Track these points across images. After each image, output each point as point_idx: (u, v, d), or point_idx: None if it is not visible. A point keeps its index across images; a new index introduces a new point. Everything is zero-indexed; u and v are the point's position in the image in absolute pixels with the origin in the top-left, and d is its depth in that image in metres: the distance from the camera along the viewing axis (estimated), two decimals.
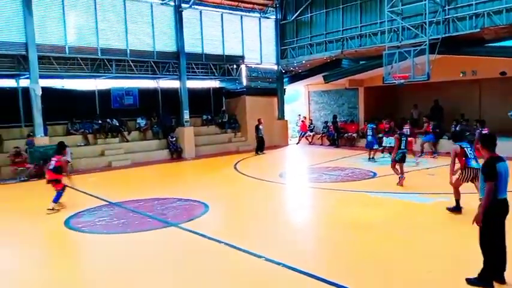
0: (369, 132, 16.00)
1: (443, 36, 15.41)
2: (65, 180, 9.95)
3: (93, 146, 17.59)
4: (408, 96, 20.56)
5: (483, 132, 12.74)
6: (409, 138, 12.50)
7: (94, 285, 5.74)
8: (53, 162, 9.88)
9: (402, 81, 16.06)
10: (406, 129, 14.64)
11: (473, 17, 14.83)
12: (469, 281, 5.06)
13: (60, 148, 10.30)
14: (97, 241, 7.75)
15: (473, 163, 8.04)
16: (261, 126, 19.66)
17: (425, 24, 15.63)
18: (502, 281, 4.97)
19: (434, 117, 17.85)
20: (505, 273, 5.00)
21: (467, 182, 8.09)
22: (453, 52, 15.82)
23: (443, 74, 16.88)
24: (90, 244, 7.65)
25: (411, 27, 16.21)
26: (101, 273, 6.14)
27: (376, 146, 15.84)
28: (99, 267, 6.37)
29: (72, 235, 8.00)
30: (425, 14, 15.59)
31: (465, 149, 8.22)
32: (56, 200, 9.69)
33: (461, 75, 17.47)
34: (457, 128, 16.86)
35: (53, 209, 9.57)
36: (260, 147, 19.67)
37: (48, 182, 9.96)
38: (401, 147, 11.17)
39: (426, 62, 15.37)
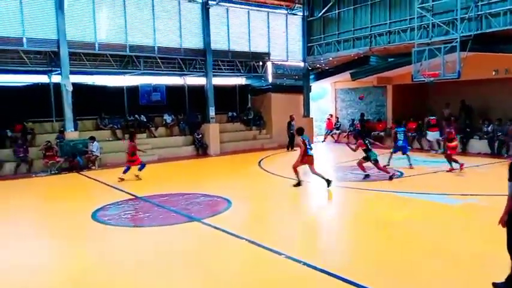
0: (400, 137, 14.13)
1: (476, 33, 14.93)
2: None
3: (121, 141, 17.93)
4: (437, 95, 20.05)
5: None
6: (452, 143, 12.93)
7: (118, 277, 5.85)
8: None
9: (432, 79, 15.68)
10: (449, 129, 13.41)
11: (508, 13, 14.31)
12: (496, 285, 4.90)
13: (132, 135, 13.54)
14: (122, 234, 7.92)
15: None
16: (293, 123, 19.60)
17: (457, 21, 15.18)
18: None
19: (465, 117, 17.41)
20: None
21: None
22: (485, 50, 15.30)
23: (475, 72, 16.34)
24: (116, 237, 7.80)
25: (442, 24, 15.78)
26: (125, 265, 6.25)
27: (408, 152, 14.13)
28: (123, 259, 6.48)
29: (99, 228, 8.19)
30: (457, 10, 15.14)
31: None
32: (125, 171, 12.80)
33: (493, 73, 16.90)
34: (489, 128, 16.41)
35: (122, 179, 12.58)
36: (292, 143, 19.68)
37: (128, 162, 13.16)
38: (368, 148, 12.32)
39: (457, 59, 14.93)
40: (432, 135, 17.45)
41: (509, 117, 16.43)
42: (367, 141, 12.35)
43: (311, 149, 11.29)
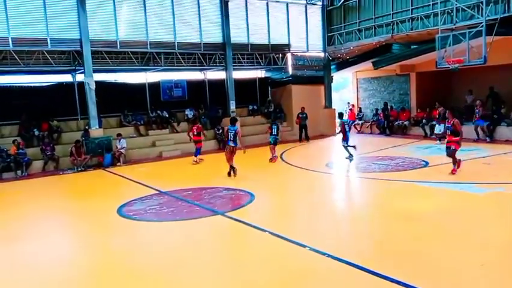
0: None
1: (502, 16, 14.41)
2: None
3: (144, 137, 18.23)
4: (463, 81, 19.53)
5: None
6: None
7: (145, 271, 5.96)
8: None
9: (457, 65, 15.25)
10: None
11: None
12: None
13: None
14: (147, 228, 8.05)
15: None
16: (301, 116, 19.77)
17: (482, 4, 14.69)
18: None
19: (492, 104, 16.95)
20: None
21: None
22: None
23: (502, 57, 15.83)
24: (141, 231, 7.95)
25: (466, 8, 15.31)
26: (151, 258, 6.36)
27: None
28: (149, 253, 6.60)
29: (124, 222, 8.35)
30: None
31: None
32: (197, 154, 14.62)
33: None
34: None
35: (196, 162, 14.49)
36: (305, 134, 19.92)
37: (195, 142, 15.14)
38: (273, 133, 14.74)
39: (483, 44, 14.45)
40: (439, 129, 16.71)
41: None
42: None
43: (232, 140, 12.05)
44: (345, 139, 13.67)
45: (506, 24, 14.39)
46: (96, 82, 16.00)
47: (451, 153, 10.82)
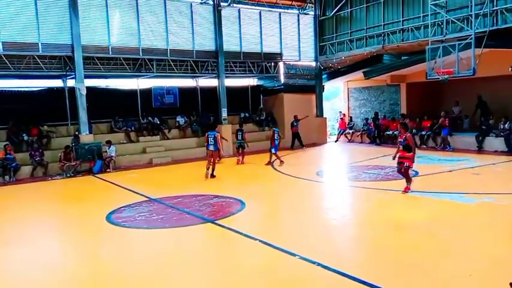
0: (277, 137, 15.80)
1: (491, 29, 14.68)
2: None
3: (135, 144, 18.14)
4: (452, 92, 19.76)
5: None
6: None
7: (133, 278, 5.90)
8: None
9: (446, 76, 15.44)
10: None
11: None
12: None
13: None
14: (137, 236, 7.98)
15: None
16: (295, 123, 20.14)
17: (471, 17, 14.94)
18: None
19: (482, 113, 17.16)
20: None
21: None
22: (501, 46, 15.03)
23: (490, 69, 16.06)
24: (130, 238, 7.87)
25: (456, 21, 15.56)
26: (139, 266, 6.30)
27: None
28: (137, 261, 6.54)
29: (113, 229, 8.26)
30: (471, 6, 14.90)
31: None
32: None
33: (509, 69, 16.58)
34: (506, 126, 16.12)
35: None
36: (300, 141, 20.29)
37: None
38: (238, 139, 16.45)
39: (472, 56, 14.68)
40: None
41: None
42: None
43: (211, 144, 13.07)
44: (274, 146, 15.08)
45: (494, 37, 14.65)
46: (87, 88, 15.92)
47: (405, 170, 9.95)
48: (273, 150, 15.48)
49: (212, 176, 13.22)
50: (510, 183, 10.24)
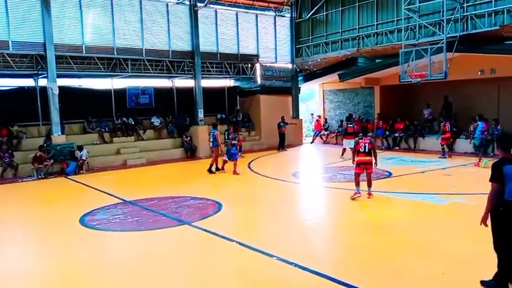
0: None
1: (461, 34, 15.13)
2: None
3: (109, 145, 17.82)
4: (425, 95, 20.23)
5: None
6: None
7: (108, 282, 5.79)
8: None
9: (419, 79, 15.84)
10: None
11: (493, 14, 14.52)
12: (483, 283, 4.96)
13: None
14: (111, 238, 7.84)
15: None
16: (282, 124, 20.20)
17: (443, 22, 15.36)
18: None
19: (446, 115, 17.55)
20: None
21: None
22: (471, 50, 15.53)
23: (461, 73, 16.57)
24: (105, 241, 7.73)
25: (428, 25, 15.97)
26: (115, 270, 6.20)
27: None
28: (113, 264, 6.43)
29: (87, 232, 8.09)
30: (443, 11, 15.33)
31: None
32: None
33: (479, 73, 17.14)
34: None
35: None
36: (282, 143, 20.39)
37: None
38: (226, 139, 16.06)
39: (443, 60, 15.11)
40: (348, 143, 16.26)
41: (494, 117, 16.67)
42: None
43: (211, 141, 14.67)
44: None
45: (465, 42, 15.10)
46: (60, 87, 15.56)
47: (369, 176, 9.79)
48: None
49: (210, 171, 14.19)
50: (480, 183, 10.49)
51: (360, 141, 9.81)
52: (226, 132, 16.86)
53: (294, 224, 8.34)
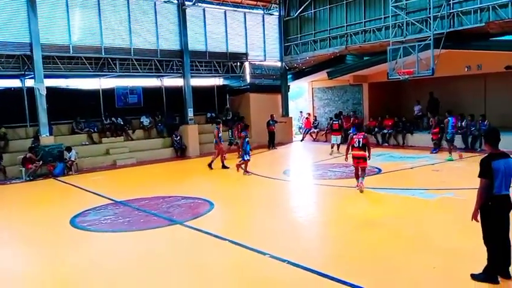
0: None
1: (448, 30, 15.28)
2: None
3: (98, 145, 17.66)
4: (413, 92, 20.45)
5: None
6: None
7: (100, 283, 5.76)
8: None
9: (407, 76, 15.97)
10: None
11: (478, 11, 14.69)
12: (474, 276, 5.05)
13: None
14: (103, 239, 7.80)
15: None
16: (271, 122, 20.25)
17: (430, 19, 15.51)
18: (507, 276, 4.96)
19: (431, 110, 17.71)
20: (510, 268, 4.98)
21: None
22: (458, 47, 15.70)
23: (448, 69, 16.76)
24: (96, 242, 7.68)
25: (416, 22, 16.10)
26: (107, 270, 6.17)
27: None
28: (105, 265, 6.39)
29: (78, 234, 8.04)
30: (430, 8, 15.47)
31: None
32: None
33: (466, 69, 17.35)
34: (463, 123, 16.81)
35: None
36: (272, 142, 20.42)
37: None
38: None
39: (431, 57, 15.25)
40: (335, 139, 17.36)
41: (481, 112, 16.91)
42: None
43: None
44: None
45: (452, 38, 15.27)
46: (47, 88, 15.39)
47: (364, 171, 10.09)
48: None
49: (210, 167, 14.63)
50: (468, 178, 10.65)
51: (354, 136, 10.17)
52: (231, 131, 17.42)
53: (285, 222, 8.37)
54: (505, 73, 16.47)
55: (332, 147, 17.22)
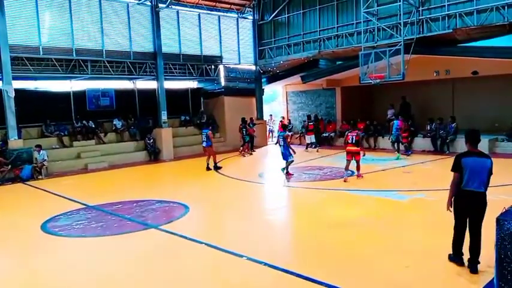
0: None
1: (418, 36, 15.75)
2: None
3: (68, 149, 17.26)
4: (384, 96, 20.93)
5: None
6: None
7: None
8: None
9: (378, 81, 16.34)
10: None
11: (446, 18, 15.21)
12: (448, 256, 5.64)
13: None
14: (75, 245, 7.62)
15: None
16: (250, 125, 20.16)
17: (400, 25, 15.93)
18: (461, 262, 5.46)
19: (403, 114, 18.12)
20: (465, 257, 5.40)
21: None
22: (427, 52, 16.18)
23: (418, 74, 17.25)
24: (68, 248, 7.50)
25: (386, 28, 16.50)
26: (80, 277, 6.03)
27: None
28: (77, 271, 6.25)
29: (49, 239, 7.83)
30: (400, 14, 15.89)
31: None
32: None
33: (434, 74, 17.89)
34: (432, 127, 17.30)
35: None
36: (251, 144, 20.22)
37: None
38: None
39: (401, 62, 15.68)
40: (309, 138, 19.77)
41: (450, 115, 17.43)
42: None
43: (204, 141, 14.85)
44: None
45: (421, 44, 15.74)
46: (16, 90, 14.94)
47: (358, 162, 11.97)
48: None
49: (208, 168, 14.78)
50: (438, 180, 10.99)
51: (349, 134, 12.01)
52: (242, 124, 18.61)
53: (261, 224, 8.41)
54: (472, 78, 17.08)
55: (307, 146, 19.40)
